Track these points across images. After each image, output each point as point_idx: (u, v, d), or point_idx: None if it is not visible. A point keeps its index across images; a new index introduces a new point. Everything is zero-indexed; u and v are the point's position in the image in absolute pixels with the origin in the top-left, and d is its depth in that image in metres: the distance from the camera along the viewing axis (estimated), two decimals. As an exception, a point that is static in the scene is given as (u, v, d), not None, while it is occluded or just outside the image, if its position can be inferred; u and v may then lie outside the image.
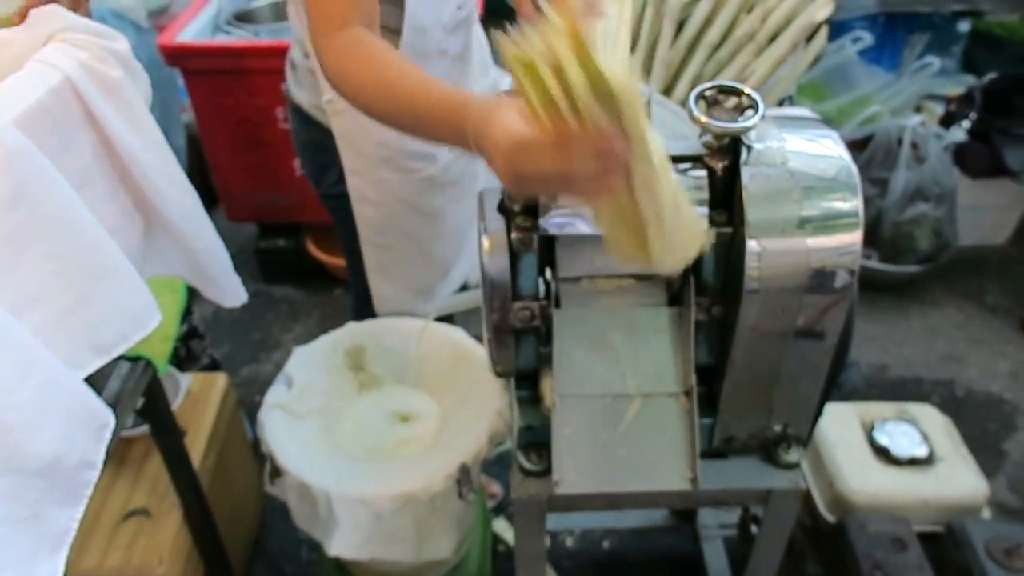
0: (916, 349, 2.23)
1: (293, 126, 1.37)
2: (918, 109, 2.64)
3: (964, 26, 2.94)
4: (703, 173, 0.81)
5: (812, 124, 0.83)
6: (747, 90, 0.78)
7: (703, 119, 0.76)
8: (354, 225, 1.36)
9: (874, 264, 2.31)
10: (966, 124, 2.40)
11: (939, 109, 2.59)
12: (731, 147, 0.79)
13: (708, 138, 0.79)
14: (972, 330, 2.29)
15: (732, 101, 0.79)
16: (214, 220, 0.94)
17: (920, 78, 2.56)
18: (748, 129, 0.76)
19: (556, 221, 0.82)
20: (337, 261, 2.44)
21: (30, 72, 0.63)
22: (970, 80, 2.81)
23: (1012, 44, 2.83)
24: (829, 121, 2.58)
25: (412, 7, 1.08)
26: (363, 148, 1.23)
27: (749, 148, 0.78)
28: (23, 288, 0.61)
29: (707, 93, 0.79)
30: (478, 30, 1.35)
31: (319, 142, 1.29)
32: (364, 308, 1.48)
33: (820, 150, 0.80)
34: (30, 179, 0.59)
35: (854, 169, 0.78)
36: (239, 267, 1.04)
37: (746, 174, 0.77)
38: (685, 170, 0.82)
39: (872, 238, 2.31)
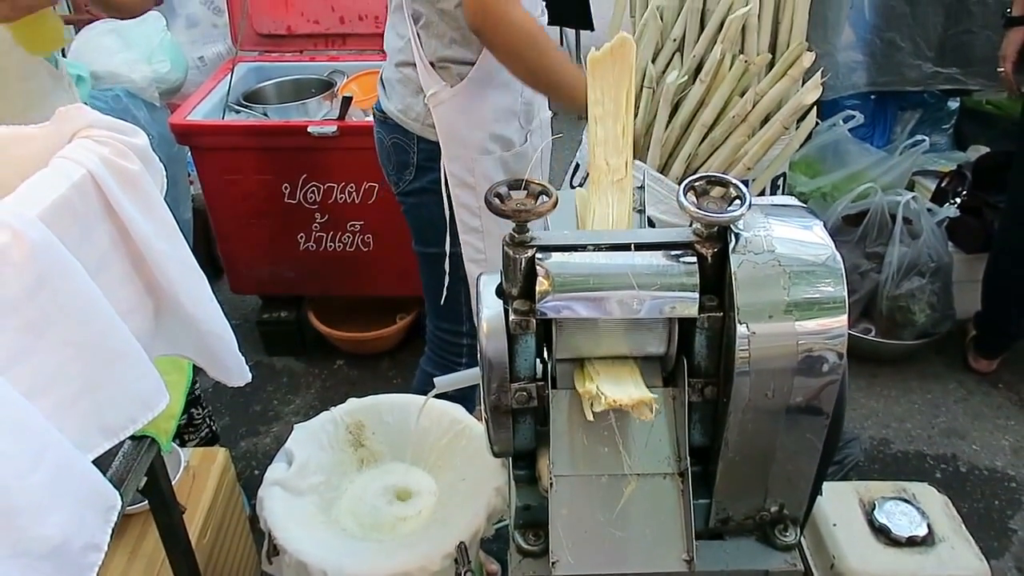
0: (917, 424, 2.23)
1: (378, 136, 1.63)
2: (911, 185, 2.71)
3: (954, 103, 3.04)
4: (694, 259, 0.84)
5: (797, 212, 0.87)
6: (734, 181, 0.82)
7: (693, 209, 0.79)
8: (427, 220, 1.57)
9: (873, 338, 2.33)
10: (958, 200, 2.46)
11: (931, 185, 2.66)
12: (720, 235, 0.82)
13: (698, 226, 0.82)
14: (973, 404, 2.29)
15: (720, 191, 0.82)
16: (218, 292, 0.98)
17: (912, 155, 2.63)
18: (735, 219, 0.79)
19: (553, 304, 0.85)
20: (338, 333, 2.47)
21: (55, 168, 0.67)
22: (961, 156, 2.89)
23: (1002, 120, 2.92)
24: (824, 196, 2.63)
25: None
26: (461, 133, 1.47)
27: (737, 236, 0.81)
28: (39, 373, 0.63)
29: (696, 184, 0.82)
30: None
31: (400, 144, 1.55)
32: (449, 359, 1.64)
33: (805, 237, 0.83)
34: (52, 270, 0.62)
35: (838, 257, 0.81)
36: (241, 339, 1.07)
37: (735, 261, 0.80)
38: (677, 256, 0.85)
39: (870, 312, 2.34)
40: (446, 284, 1.63)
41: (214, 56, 2.78)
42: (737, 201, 0.81)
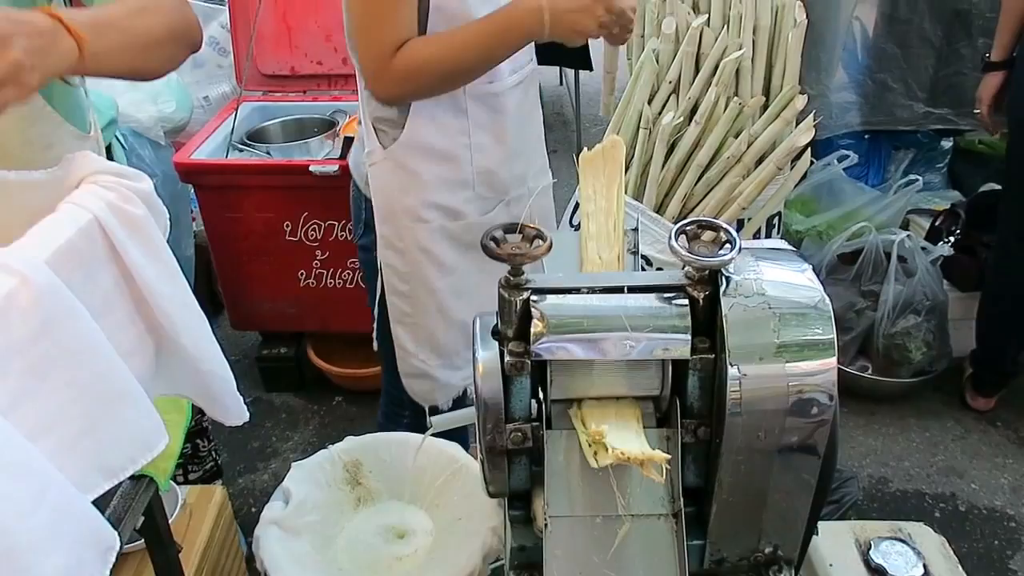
0: (916, 462, 2.23)
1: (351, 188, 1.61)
2: (905, 224, 2.74)
3: (947, 143, 3.08)
4: (686, 302, 0.86)
5: (787, 256, 0.88)
6: (724, 225, 0.84)
7: (684, 253, 0.81)
8: (371, 277, 1.54)
9: (870, 376, 2.34)
10: (952, 239, 2.48)
11: (925, 223, 2.68)
12: (711, 278, 0.83)
13: (690, 269, 0.84)
14: (971, 443, 2.29)
15: (710, 235, 0.84)
16: (218, 328, 0.99)
17: (906, 194, 2.66)
18: (726, 263, 0.81)
19: (547, 346, 0.86)
20: (337, 369, 2.48)
21: (62, 213, 0.69)
22: (955, 195, 2.92)
23: (994, 160, 2.95)
24: (819, 234, 2.66)
25: None
26: (391, 196, 1.42)
27: (728, 279, 0.83)
28: (41, 414, 0.65)
29: (687, 228, 0.84)
30: None
31: (356, 198, 1.56)
32: (393, 410, 1.60)
33: (795, 280, 0.85)
34: (57, 314, 0.64)
35: (827, 300, 0.83)
36: (240, 375, 1.08)
37: (725, 304, 0.81)
38: (670, 299, 0.87)
39: (866, 350, 2.35)
40: (378, 337, 1.63)
41: (219, 96, 2.82)
42: (728, 245, 0.82)
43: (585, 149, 0.99)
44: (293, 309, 2.42)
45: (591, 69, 3.44)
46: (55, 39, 0.79)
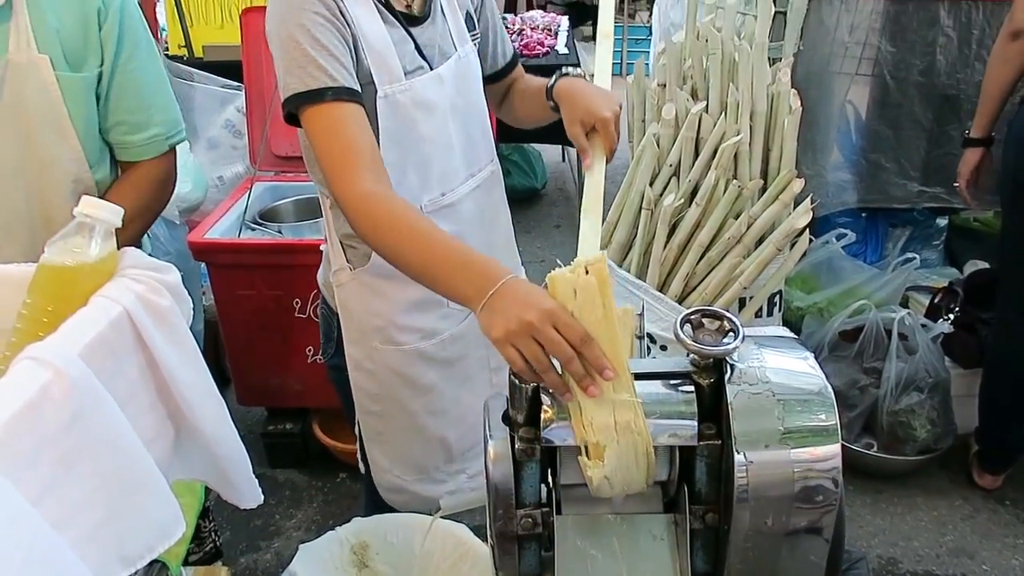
0: (925, 542, 2.20)
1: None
2: (905, 301, 2.77)
3: (943, 220, 3.14)
4: (692, 389, 0.88)
5: (788, 343, 0.91)
6: (728, 315, 0.87)
7: (689, 342, 0.84)
8: (346, 397, 1.46)
9: (875, 454, 2.33)
10: (952, 316, 2.51)
11: (925, 300, 2.71)
12: (716, 366, 0.86)
13: (695, 357, 0.87)
14: (981, 522, 2.27)
15: (715, 324, 0.87)
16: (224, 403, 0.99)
17: (904, 271, 2.70)
18: (730, 351, 0.84)
19: (557, 432, 0.88)
20: (343, 445, 2.47)
21: (95, 307, 0.73)
22: (952, 272, 2.96)
23: (990, 237, 3.01)
24: (820, 311, 2.67)
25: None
26: (360, 318, 1.36)
27: (732, 367, 0.86)
28: (67, 504, 0.66)
29: (692, 317, 0.88)
30: None
31: (326, 315, 1.48)
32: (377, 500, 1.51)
33: (797, 368, 0.88)
34: (87, 405, 0.66)
35: (829, 388, 0.85)
36: (245, 450, 1.07)
37: (731, 392, 0.84)
38: (676, 385, 0.89)
39: (871, 427, 2.34)
40: (362, 459, 1.52)
41: (232, 176, 2.90)
42: (731, 334, 0.85)
43: (558, 264, 0.88)
44: (300, 385, 2.43)
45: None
46: None
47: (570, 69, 1.32)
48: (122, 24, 1.24)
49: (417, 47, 1.25)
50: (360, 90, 1.15)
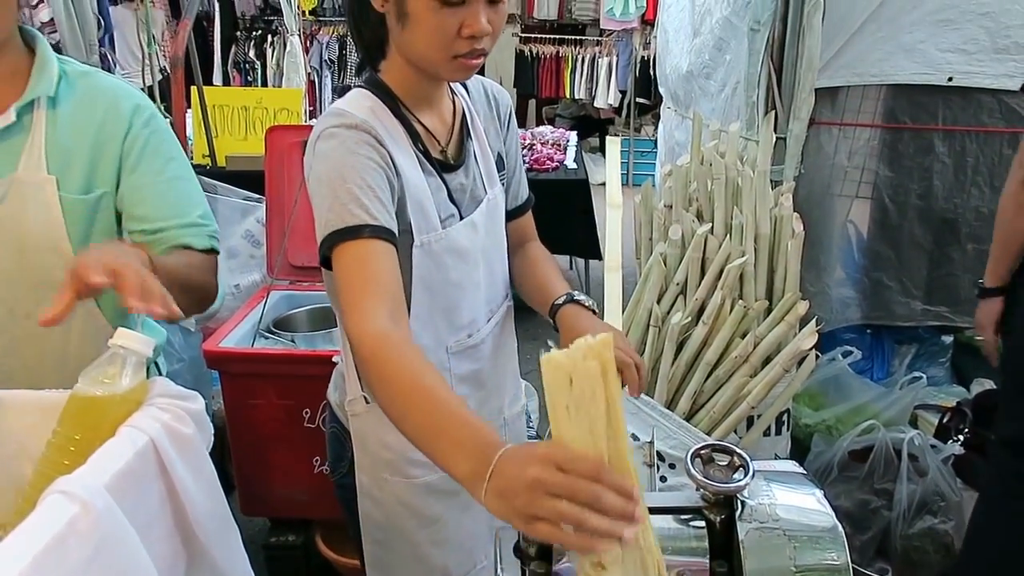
0: (946, 675, 2.11)
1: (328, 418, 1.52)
2: (914, 419, 2.75)
3: (948, 338, 3.16)
4: (703, 524, 0.89)
5: (797, 479, 0.93)
6: (738, 451, 0.89)
7: (700, 478, 0.86)
8: (353, 517, 1.43)
9: (891, 580, 2.27)
10: (961, 437, 2.49)
11: (933, 419, 2.70)
12: (727, 502, 0.87)
13: (706, 492, 0.88)
14: (1003, 654, 2.18)
15: (725, 459, 0.89)
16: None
17: (912, 390, 2.70)
18: (741, 488, 0.85)
19: (569, 566, 0.88)
20: (345, 560, 2.42)
21: (122, 438, 0.75)
22: (960, 391, 2.96)
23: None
24: (828, 429, 2.64)
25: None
26: (373, 449, 1.34)
27: (743, 503, 0.87)
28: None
29: (702, 452, 0.89)
30: None
31: (338, 435, 1.45)
32: None
33: (807, 504, 0.89)
34: (110, 537, 0.67)
35: (840, 526, 0.86)
36: None
37: (742, 529, 0.85)
38: (687, 520, 0.90)
39: (884, 550, 2.30)
40: None
41: (249, 284, 2.97)
42: (741, 470, 0.87)
43: (552, 347, 0.81)
44: (305, 496, 2.41)
45: (600, 259, 3.62)
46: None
47: (582, 297, 1.30)
48: (149, 141, 1.26)
49: (449, 193, 1.26)
50: (398, 234, 1.14)
